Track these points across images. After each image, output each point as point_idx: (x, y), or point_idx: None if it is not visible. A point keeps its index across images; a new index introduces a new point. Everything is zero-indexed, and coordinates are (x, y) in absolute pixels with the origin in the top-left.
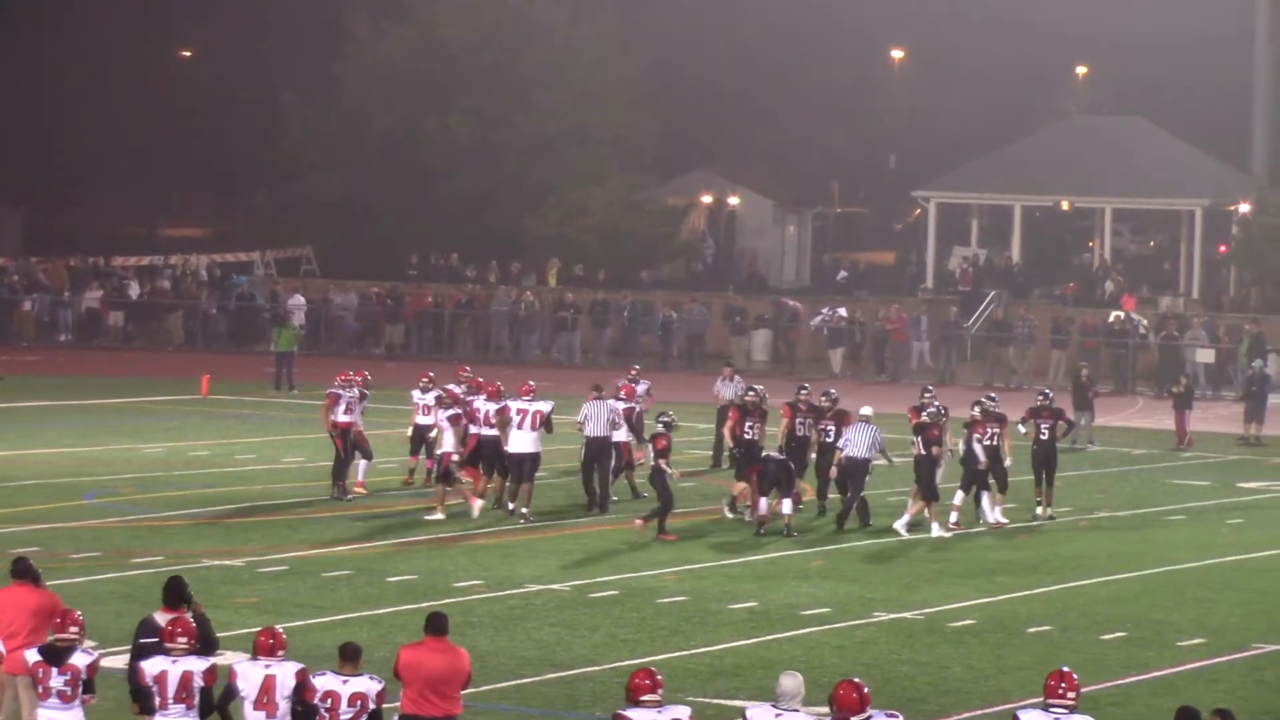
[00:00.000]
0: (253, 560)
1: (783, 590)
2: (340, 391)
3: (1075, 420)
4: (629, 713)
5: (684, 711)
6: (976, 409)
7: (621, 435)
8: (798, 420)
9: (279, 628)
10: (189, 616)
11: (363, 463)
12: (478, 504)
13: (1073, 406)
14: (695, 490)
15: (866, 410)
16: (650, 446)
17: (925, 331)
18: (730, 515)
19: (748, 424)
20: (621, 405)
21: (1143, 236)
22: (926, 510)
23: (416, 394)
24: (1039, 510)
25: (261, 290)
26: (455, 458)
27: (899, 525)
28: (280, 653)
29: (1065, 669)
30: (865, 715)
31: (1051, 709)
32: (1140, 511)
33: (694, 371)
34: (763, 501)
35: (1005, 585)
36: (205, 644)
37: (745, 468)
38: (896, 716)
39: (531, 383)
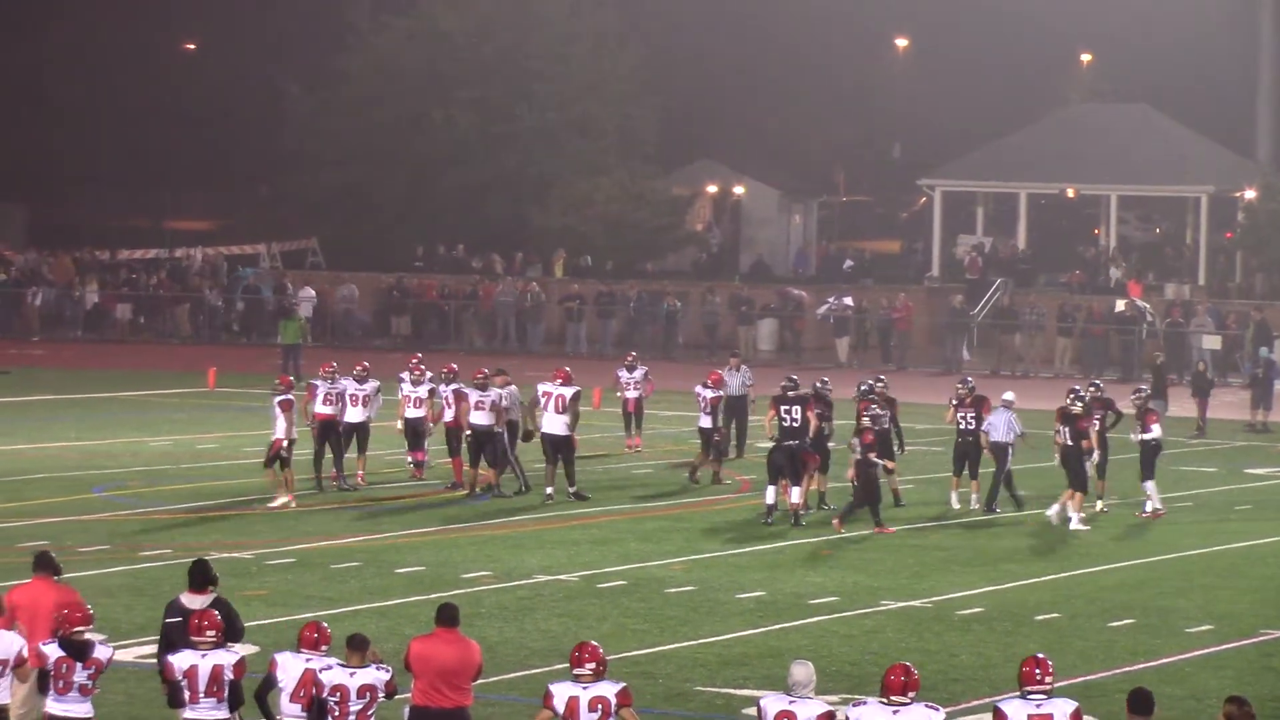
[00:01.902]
0: (261, 552)
1: (790, 579)
2: (318, 383)
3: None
4: (554, 686)
5: (611, 688)
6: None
7: (706, 422)
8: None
9: (324, 623)
10: (221, 598)
11: (339, 455)
12: (281, 500)
13: (1191, 394)
14: (701, 480)
15: (1009, 396)
16: (859, 440)
17: (1035, 321)
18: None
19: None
20: (710, 394)
21: (1148, 224)
22: (1071, 500)
23: (406, 387)
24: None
25: (267, 283)
26: (285, 443)
27: (1054, 514)
28: (324, 647)
29: (1040, 655)
30: (906, 699)
31: (1030, 696)
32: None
33: (701, 362)
34: (770, 490)
35: (1013, 573)
36: (233, 627)
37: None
38: (937, 710)
39: (567, 369)
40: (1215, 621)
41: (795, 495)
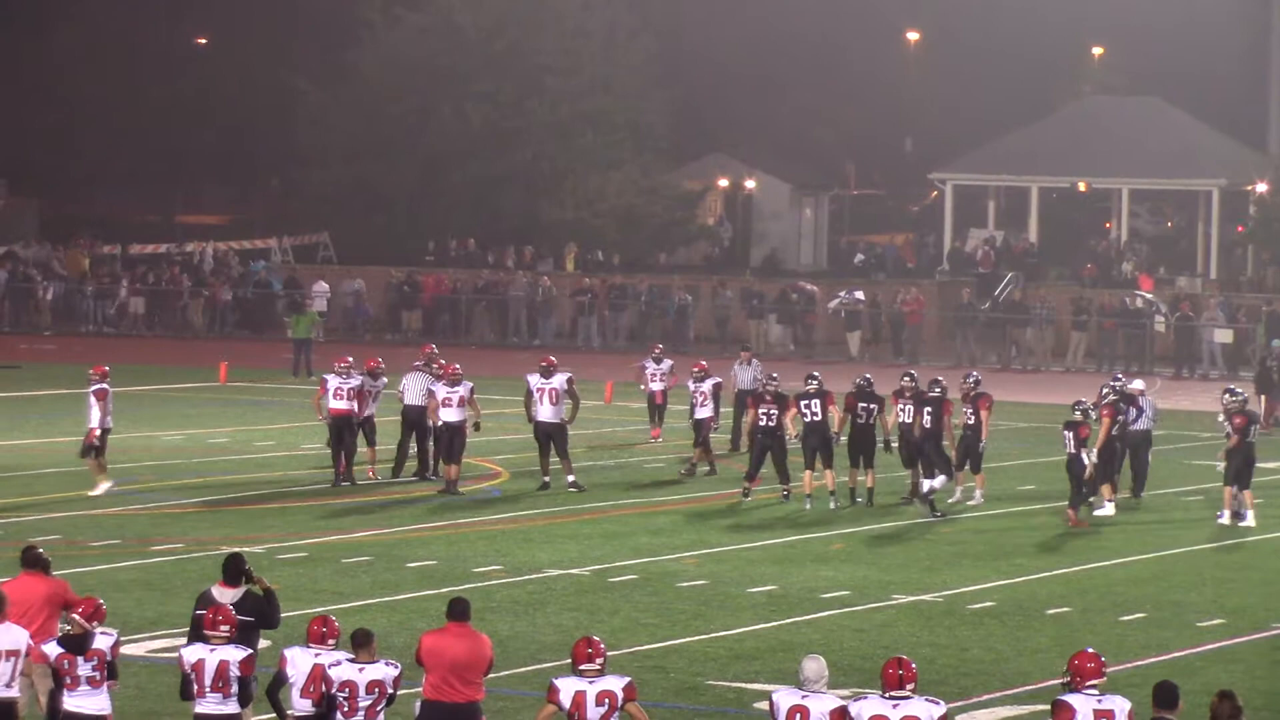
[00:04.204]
0: (272, 547)
1: (802, 574)
2: (328, 377)
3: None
4: (559, 681)
5: (617, 682)
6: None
7: (703, 414)
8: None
9: (333, 616)
10: (255, 590)
11: (351, 451)
12: (103, 487)
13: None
14: (713, 474)
15: (1139, 384)
16: (1072, 435)
17: (1046, 315)
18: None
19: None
20: (708, 385)
21: (1160, 217)
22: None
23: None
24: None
25: (279, 277)
26: (99, 433)
27: (1225, 520)
28: (331, 641)
29: (1090, 650)
30: (904, 693)
31: (1088, 691)
32: (1158, 493)
33: (714, 357)
34: (807, 475)
35: (1023, 567)
36: (265, 617)
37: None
38: (938, 703)
39: (552, 358)
40: (1227, 615)
41: (828, 477)
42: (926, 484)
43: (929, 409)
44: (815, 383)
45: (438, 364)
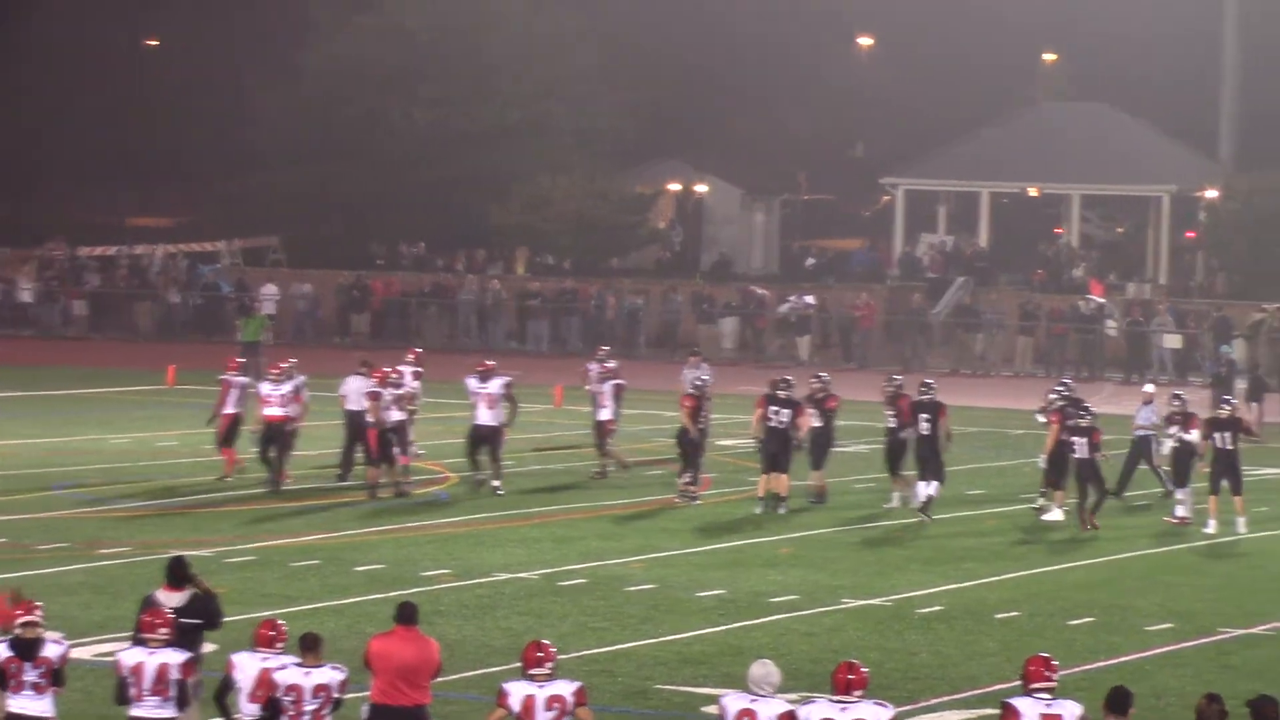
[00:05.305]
0: (221, 550)
1: (751, 578)
2: (229, 378)
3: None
4: (509, 685)
5: (568, 687)
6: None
7: (604, 415)
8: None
9: (280, 620)
10: (198, 593)
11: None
12: None
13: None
14: (661, 478)
15: (1150, 388)
16: (1085, 441)
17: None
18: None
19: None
20: (609, 386)
21: (1111, 223)
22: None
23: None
24: (1040, 502)
25: (227, 280)
26: None
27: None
28: (279, 645)
29: (1044, 654)
30: (852, 698)
31: (1038, 695)
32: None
33: (665, 361)
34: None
35: (973, 571)
36: (210, 620)
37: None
38: (886, 707)
39: (489, 362)
40: (1175, 619)
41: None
42: (923, 489)
43: (925, 415)
44: (786, 390)
45: (378, 372)
